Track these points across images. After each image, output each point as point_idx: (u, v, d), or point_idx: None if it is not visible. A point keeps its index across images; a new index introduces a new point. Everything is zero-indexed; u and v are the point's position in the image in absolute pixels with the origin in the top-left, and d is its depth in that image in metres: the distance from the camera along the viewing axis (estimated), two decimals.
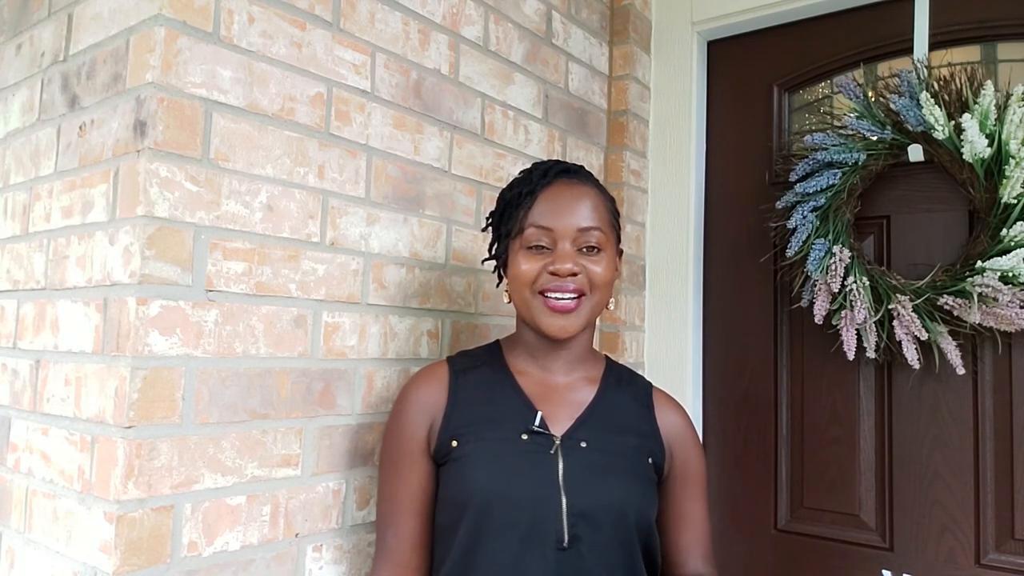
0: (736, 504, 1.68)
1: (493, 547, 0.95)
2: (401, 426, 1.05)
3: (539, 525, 0.95)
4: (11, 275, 1.14)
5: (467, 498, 0.97)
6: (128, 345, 0.89)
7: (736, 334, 1.72)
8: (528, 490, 0.97)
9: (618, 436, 1.05)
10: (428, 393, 1.05)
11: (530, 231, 1.03)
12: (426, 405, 1.05)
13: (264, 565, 1.02)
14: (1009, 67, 1.48)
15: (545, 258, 1.02)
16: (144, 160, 0.91)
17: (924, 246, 1.50)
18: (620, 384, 1.12)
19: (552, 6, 1.60)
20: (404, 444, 1.04)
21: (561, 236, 1.02)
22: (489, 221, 1.13)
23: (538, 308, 1.02)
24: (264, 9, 1.04)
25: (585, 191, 1.05)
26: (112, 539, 0.87)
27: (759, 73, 1.75)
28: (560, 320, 1.02)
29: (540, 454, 0.99)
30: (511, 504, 0.96)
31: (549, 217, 1.02)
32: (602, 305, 1.06)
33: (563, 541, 0.95)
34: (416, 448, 1.03)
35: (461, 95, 1.37)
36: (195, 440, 0.94)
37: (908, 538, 1.48)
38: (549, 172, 1.06)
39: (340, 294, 1.13)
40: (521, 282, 1.03)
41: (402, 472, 1.04)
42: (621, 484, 1.01)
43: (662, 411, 1.12)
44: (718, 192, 1.78)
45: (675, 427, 1.11)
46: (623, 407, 1.09)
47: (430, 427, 1.04)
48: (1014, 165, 1.31)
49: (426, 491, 1.04)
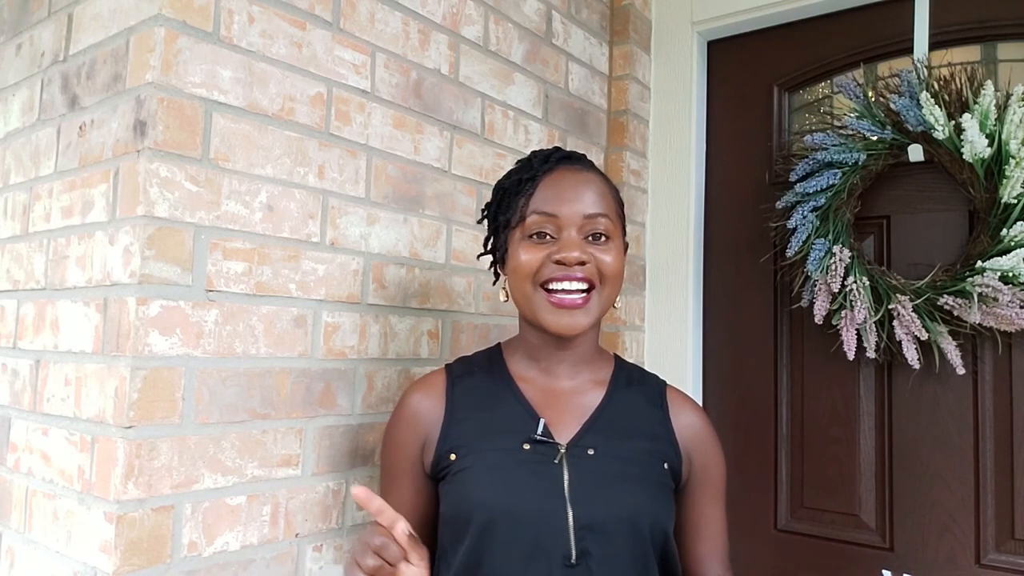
0: (736, 504, 1.67)
1: (496, 565, 0.89)
2: (394, 439, 1.01)
3: (544, 541, 0.88)
4: (11, 275, 1.14)
5: (467, 514, 0.91)
6: (128, 345, 0.89)
7: (736, 334, 1.72)
8: (531, 503, 0.90)
9: (629, 441, 0.97)
10: (423, 405, 1.00)
11: (532, 219, 0.95)
12: (420, 418, 0.99)
13: (264, 565, 1.02)
14: (1009, 67, 1.48)
15: (549, 247, 0.94)
16: (144, 160, 0.91)
17: (924, 246, 1.50)
18: (631, 385, 1.04)
19: (552, 6, 1.60)
20: (396, 457, 1.00)
21: (566, 223, 0.94)
22: (485, 213, 1.06)
23: (540, 304, 0.94)
24: (264, 9, 1.04)
25: (590, 177, 0.98)
26: (112, 539, 0.87)
27: (759, 73, 1.75)
28: (566, 317, 0.93)
29: (543, 464, 0.92)
30: (513, 519, 0.89)
31: (552, 203, 0.94)
32: (612, 300, 0.98)
33: (570, 557, 0.88)
34: (407, 462, 0.99)
35: (461, 95, 1.37)
36: (195, 440, 0.94)
37: (908, 538, 1.48)
38: (550, 158, 0.99)
39: (340, 294, 1.13)
40: (522, 274, 0.95)
41: (395, 482, 1.00)
42: (632, 493, 0.93)
43: (678, 412, 1.03)
44: (718, 192, 1.78)
45: (693, 428, 1.03)
46: (634, 409, 1.01)
47: (424, 442, 0.99)
48: (1014, 165, 1.31)
49: (416, 505, 0.99)
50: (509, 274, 0.99)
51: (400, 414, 1.01)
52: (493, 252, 1.05)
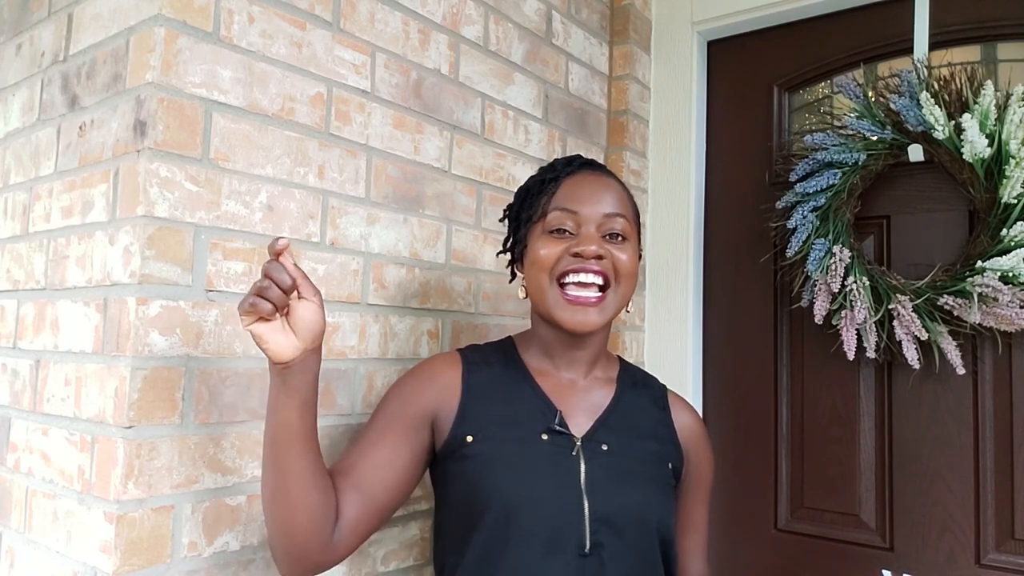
0: (736, 504, 1.68)
1: (515, 554, 0.90)
2: (407, 391, 0.99)
3: (561, 530, 0.92)
4: (11, 275, 1.14)
5: (486, 500, 0.92)
6: (128, 345, 0.89)
7: (736, 334, 1.72)
8: (552, 494, 0.93)
9: (638, 440, 1.02)
10: (445, 375, 1.00)
11: (553, 215, 0.99)
12: (440, 385, 0.99)
13: (264, 565, 1.02)
14: (1009, 67, 1.48)
15: (567, 242, 0.97)
16: (144, 160, 0.91)
17: (924, 246, 1.50)
18: (636, 386, 1.09)
19: (552, 6, 1.60)
20: (401, 407, 0.98)
21: (585, 220, 0.98)
22: (506, 213, 1.09)
23: (554, 299, 0.97)
24: (264, 9, 1.04)
25: (610, 182, 1.03)
26: (112, 539, 0.87)
27: (759, 73, 1.75)
28: (579, 314, 0.96)
29: (561, 456, 0.95)
30: (535, 509, 0.91)
31: (574, 201, 0.99)
32: (626, 300, 1.01)
33: (584, 547, 0.92)
34: (411, 417, 0.97)
35: (461, 95, 1.37)
36: (195, 440, 0.94)
37: (908, 538, 1.48)
38: (573, 162, 1.05)
39: (340, 294, 1.13)
40: (540, 267, 0.98)
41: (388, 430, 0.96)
42: (643, 490, 0.98)
43: (679, 415, 1.09)
44: (718, 192, 1.78)
45: (691, 432, 1.09)
46: (641, 410, 1.06)
47: (436, 409, 0.98)
48: (1014, 165, 1.31)
49: (397, 460, 0.95)
50: (527, 268, 1.02)
51: (421, 372, 1.02)
52: (512, 250, 1.08)
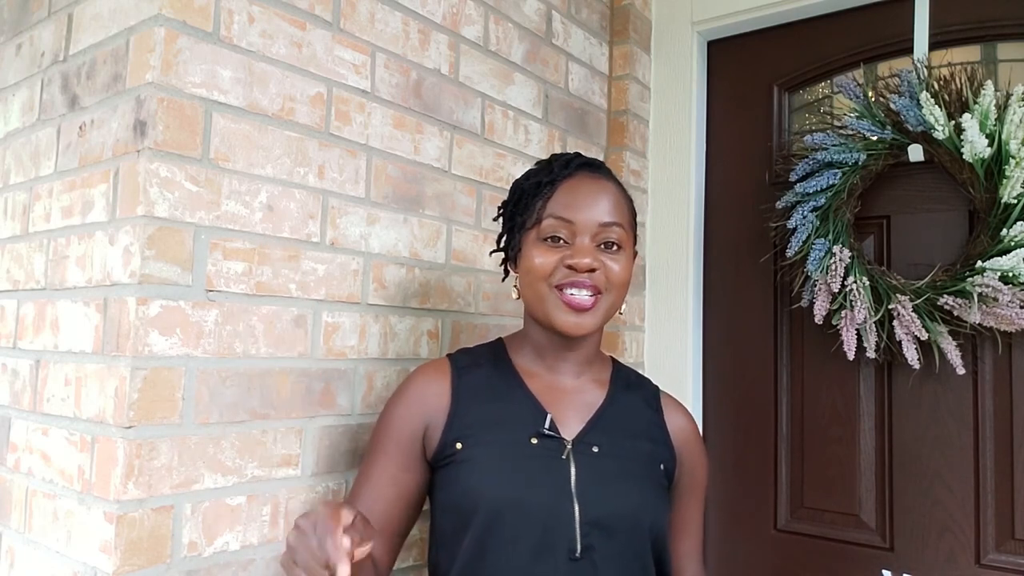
0: (736, 504, 1.68)
1: (503, 557, 0.90)
2: (397, 413, 1.00)
3: (551, 534, 0.91)
4: (11, 275, 1.14)
5: (474, 504, 0.92)
6: (128, 345, 0.89)
7: (736, 334, 1.72)
8: (541, 497, 0.92)
9: (630, 441, 1.01)
10: (431, 389, 1.00)
11: (548, 222, 0.97)
12: (427, 400, 0.99)
13: (264, 565, 1.02)
14: (1009, 67, 1.48)
15: (562, 251, 0.96)
16: (144, 160, 0.91)
17: (924, 246, 1.50)
18: (629, 387, 1.08)
19: (552, 6, 1.60)
20: (394, 430, 0.99)
21: (581, 230, 0.96)
22: (501, 211, 1.08)
23: (553, 303, 0.96)
24: (264, 9, 1.04)
25: (607, 186, 1.00)
26: (112, 539, 0.87)
27: (759, 73, 1.75)
28: (575, 317, 0.96)
29: (551, 459, 0.95)
30: (523, 512, 0.91)
31: (570, 209, 0.97)
32: (617, 306, 1.01)
33: (575, 551, 0.91)
34: (404, 438, 0.98)
35: (461, 95, 1.37)
36: (195, 440, 0.94)
37: (908, 538, 1.48)
38: (570, 163, 1.01)
39: (340, 294, 1.13)
40: (536, 275, 0.97)
41: (384, 455, 0.99)
42: (636, 491, 0.97)
43: (672, 416, 1.08)
44: (718, 192, 1.78)
45: (684, 433, 1.08)
46: (634, 411, 1.05)
47: (427, 424, 0.99)
48: (1014, 165, 1.31)
49: (399, 481, 0.98)
50: (521, 273, 1.01)
51: (407, 392, 1.02)
52: (506, 250, 1.06)
